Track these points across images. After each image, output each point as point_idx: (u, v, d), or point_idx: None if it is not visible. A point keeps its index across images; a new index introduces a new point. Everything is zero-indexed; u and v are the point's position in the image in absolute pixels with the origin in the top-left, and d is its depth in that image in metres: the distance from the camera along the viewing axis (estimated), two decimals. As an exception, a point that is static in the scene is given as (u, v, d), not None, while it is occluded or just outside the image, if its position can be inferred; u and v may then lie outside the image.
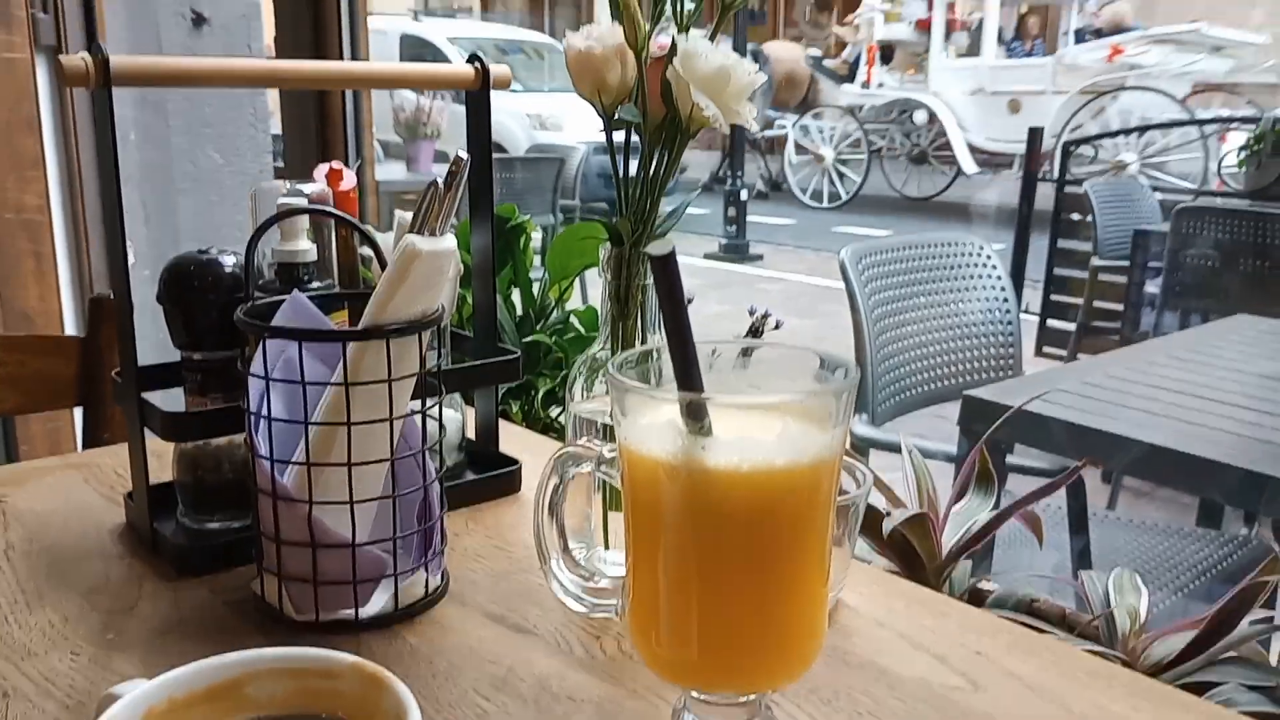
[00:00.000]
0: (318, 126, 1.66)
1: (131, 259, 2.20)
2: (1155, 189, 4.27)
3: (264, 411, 0.55)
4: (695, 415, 0.37)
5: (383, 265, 0.59)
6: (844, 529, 0.62)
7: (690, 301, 1.15)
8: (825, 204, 9.68)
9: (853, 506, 0.62)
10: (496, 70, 0.71)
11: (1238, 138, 4.04)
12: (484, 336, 0.77)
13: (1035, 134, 4.21)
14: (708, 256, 7.52)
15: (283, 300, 0.58)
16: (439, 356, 0.65)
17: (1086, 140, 6.20)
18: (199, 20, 2.36)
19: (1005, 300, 2.10)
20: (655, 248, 0.34)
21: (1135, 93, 8.08)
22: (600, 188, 8.33)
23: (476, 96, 0.72)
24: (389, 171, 4.67)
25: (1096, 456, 1.31)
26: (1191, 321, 3.42)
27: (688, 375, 0.36)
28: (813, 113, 9.80)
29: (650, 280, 0.58)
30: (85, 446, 1.00)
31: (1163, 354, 1.64)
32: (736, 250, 7.48)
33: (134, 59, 0.59)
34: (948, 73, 9.28)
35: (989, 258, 2.12)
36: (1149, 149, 7.53)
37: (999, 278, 2.11)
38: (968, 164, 9.26)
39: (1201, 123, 7.01)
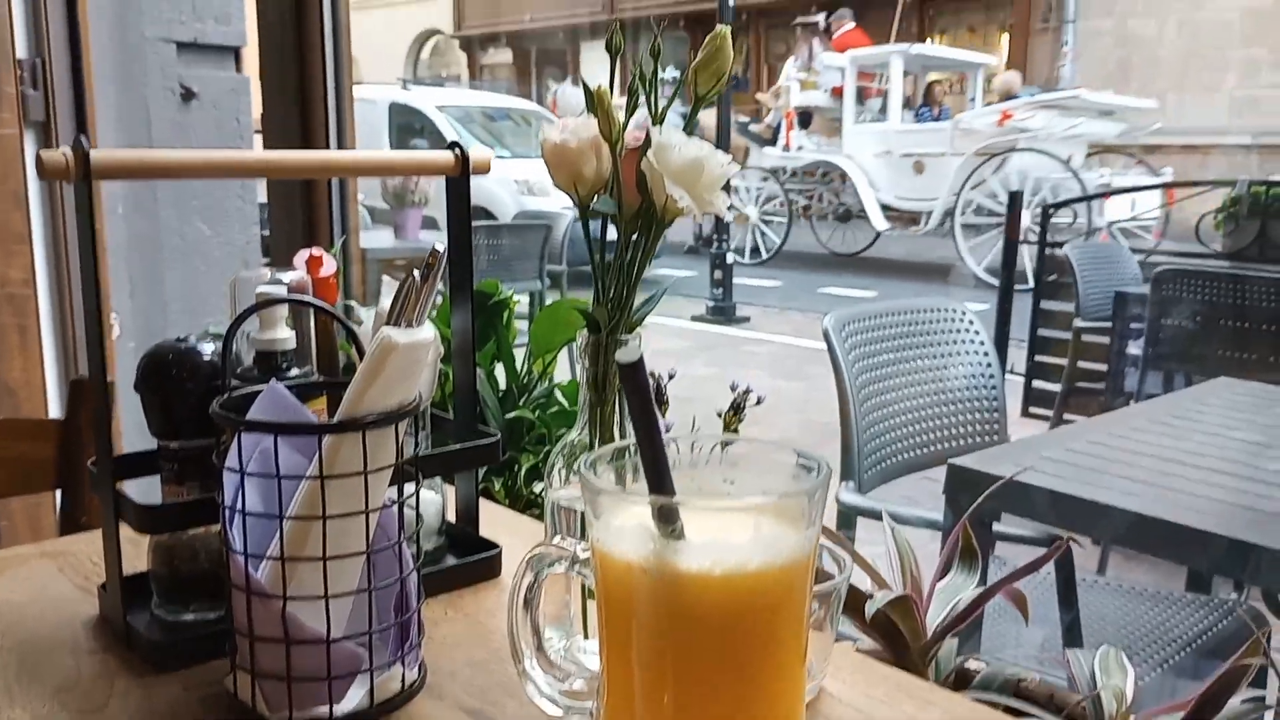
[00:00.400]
0: (303, 196, 1.67)
1: (117, 331, 2.20)
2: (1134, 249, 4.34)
3: (238, 506, 0.55)
4: (667, 519, 0.37)
5: (361, 354, 0.60)
6: (825, 614, 0.61)
7: (673, 377, 1.15)
8: (747, 260, 10.02)
9: (834, 592, 0.61)
10: (477, 156, 0.72)
11: (1212, 200, 4.12)
12: (464, 418, 0.77)
13: (1015, 199, 4.27)
14: (695, 319, 7.56)
15: (260, 390, 0.58)
16: (416, 442, 0.65)
17: (1063, 204, 6.36)
18: (188, 95, 2.40)
19: (989, 365, 2.11)
20: (623, 354, 0.35)
21: (1025, 154, 8.67)
22: (586, 252, 8.38)
23: (457, 182, 0.73)
24: (376, 239, 4.70)
25: (1081, 526, 1.30)
26: (1175, 382, 3.45)
27: (659, 479, 0.36)
28: (738, 174, 10.25)
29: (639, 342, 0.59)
30: (63, 530, 0.99)
31: (1145, 419, 1.65)
32: (723, 312, 7.53)
33: (115, 153, 0.60)
34: (859, 136, 9.91)
35: (971, 322, 2.14)
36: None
37: (981, 342, 2.13)
38: (878, 221, 9.89)
39: (1156, 187, 7.36)
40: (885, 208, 9.75)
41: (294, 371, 0.66)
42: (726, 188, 0.57)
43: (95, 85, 2.17)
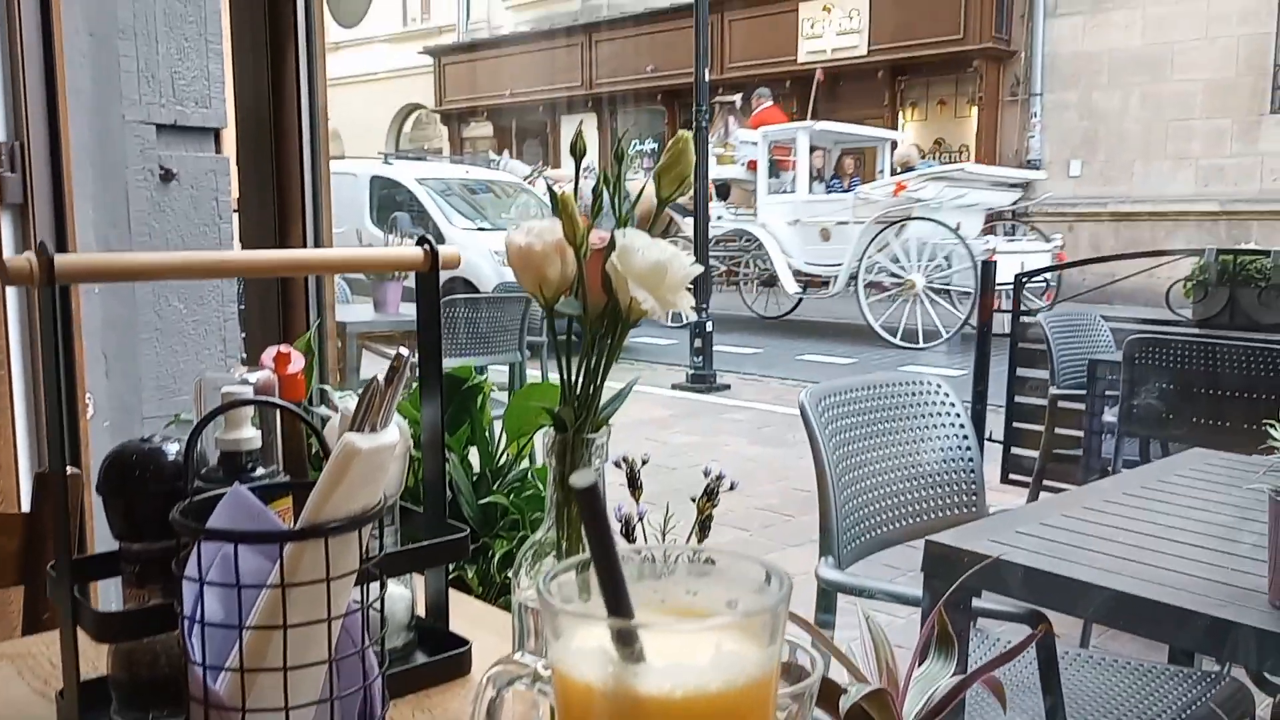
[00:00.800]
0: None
1: (91, 411, 2.17)
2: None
3: (197, 616, 0.54)
4: (626, 642, 0.36)
5: (326, 453, 0.59)
6: (799, 712, 0.60)
7: (645, 461, 1.15)
8: (670, 323, 10.47)
9: (806, 692, 0.60)
10: (445, 253, 0.73)
11: (1182, 267, 4.19)
12: (434, 511, 0.76)
13: (989, 269, 4.34)
14: (675, 387, 7.58)
15: (223, 494, 0.58)
16: (381, 542, 0.64)
17: (1041, 272, 6.50)
18: (167, 176, 2.41)
19: (965, 438, 2.12)
20: (579, 479, 0.35)
21: (918, 222, 9.42)
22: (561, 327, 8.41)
23: (426, 277, 0.73)
24: (356, 312, 4.70)
25: (1059, 603, 1.30)
26: (1150, 449, 3.46)
27: (617, 602, 0.36)
28: None
29: (595, 467, 0.59)
30: (26, 629, 0.97)
31: (1120, 491, 1.65)
32: (704, 380, 7.55)
33: (81, 258, 0.60)
34: (772, 206, 10.58)
35: (946, 395, 2.15)
36: (933, 271, 9.34)
37: (957, 414, 2.14)
38: (789, 285, 10.65)
39: (1158, 253, 7.66)
40: (797, 273, 10.47)
41: (259, 471, 0.66)
42: (690, 287, 0.58)
43: (74, 168, 2.19)
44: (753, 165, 10.88)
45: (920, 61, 13.31)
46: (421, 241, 0.73)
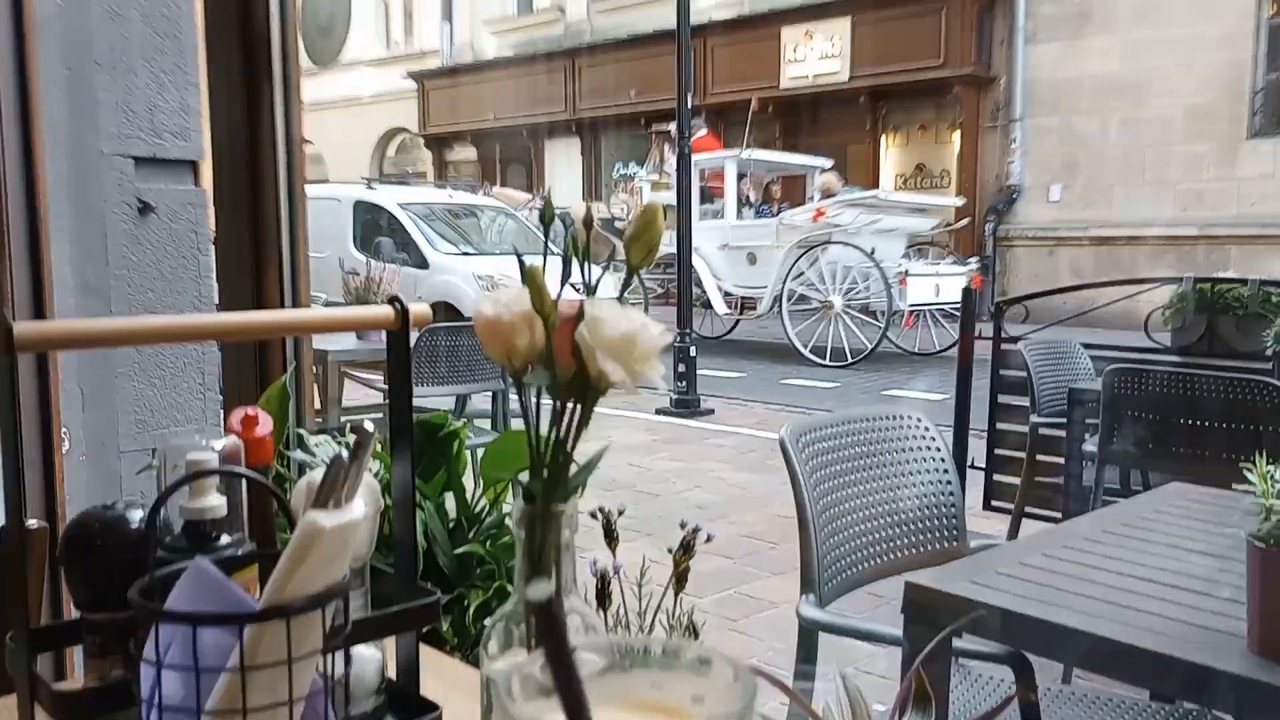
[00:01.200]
0: (255, 305, 1.66)
1: (67, 446, 2.13)
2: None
3: (155, 700, 0.52)
4: (585, 749, 0.35)
5: (291, 524, 0.58)
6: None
7: (621, 513, 1.14)
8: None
9: (779, 765, 0.60)
10: (416, 310, 0.72)
11: (1160, 295, 4.23)
12: (404, 574, 0.75)
13: (968, 296, 4.36)
14: (659, 412, 7.57)
15: (185, 568, 0.57)
16: (346, 607, 0.63)
17: (1029, 298, 6.55)
18: (145, 209, 2.40)
19: (946, 472, 2.12)
20: (534, 592, 0.34)
21: (836, 246, 9.93)
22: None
23: (397, 335, 0.72)
24: (339, 340, 4.68)
25: (1039, 648, 1.29)
26: (1131, 477, 3.48)
27: (575, 714, 0.35)
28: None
29: (565, 537, 0.58)
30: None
31: (1100, 530, 1.65)
32: (687, 405, 7.54)
33: (40, 326, 0.59)
34: (703, 231, 10.81)
35: (927, 429, 2.15)
36: (850, 292, 9.84)
37: (939, 449, 2.14)
38: (719, 307, 11.16)
39: (1141, 281, 7.80)
40: (728, 295, 10.99)
41: (224, 540, 0.65)
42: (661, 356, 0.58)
43: (50, 202, 2.17)
44: None
45: (901, 87, 13.44)
46: (392, 301, 0.72)
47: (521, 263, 0.56)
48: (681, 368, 7.53)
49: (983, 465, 4.40)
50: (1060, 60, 12.55)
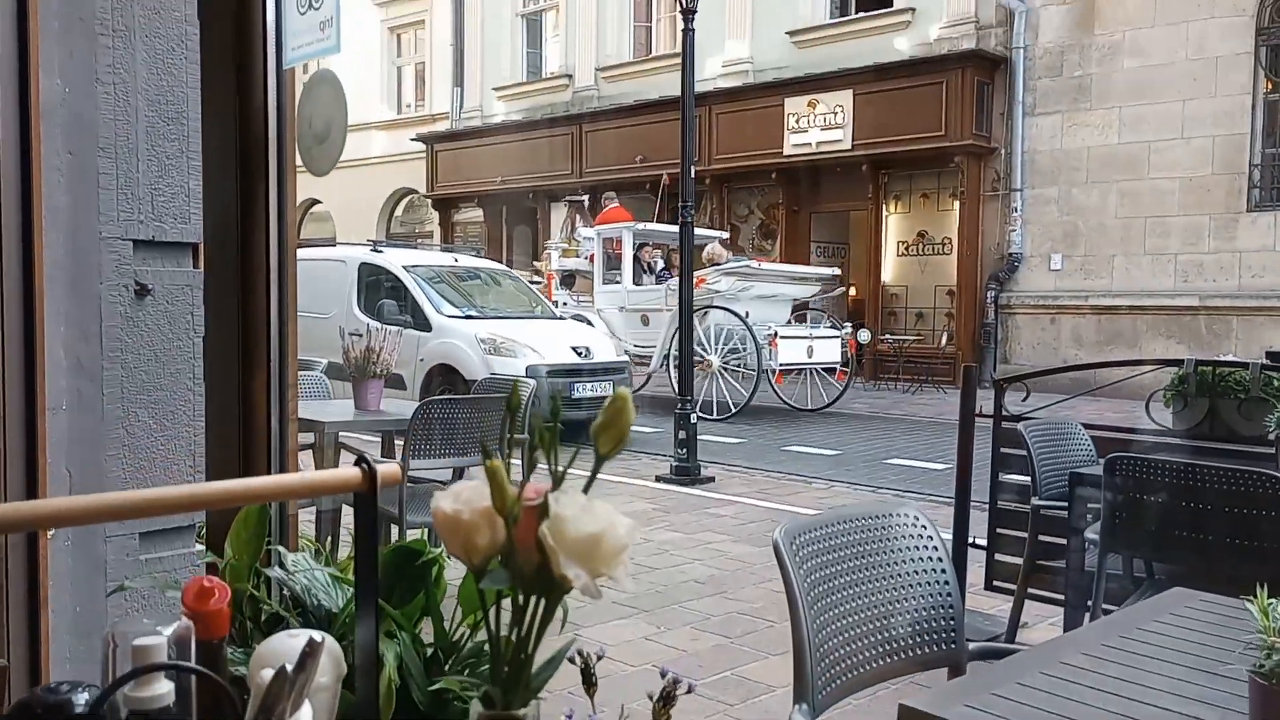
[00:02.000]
0: (243, 422, 1.64)
1: (52, 530, 2.09)
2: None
3: None
4: None
5: (240, 715, 0.56)
6: None
7: (601, 657, 1.10)
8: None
9: None
10: (384, 471, 0.70)
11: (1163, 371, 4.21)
12: (368, 739, 0.72)
13: (969, 372, 4.35)
14: (659, 479, 7.52)
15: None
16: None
17: (1030, 377, 6.52)
18: (142, 291, 2.40)
19: (943, 571, 2.08)
20: None
21: (716, 310, 10.93)
22: (548, 414, 8.39)
23: (364, 497, 0.71)
24: (335, 410, 4.67)
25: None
26: (1135, 566, 3.43)
27: None
28: None
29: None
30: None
31: (1099, 644, 1.62)
32: (687, 473, 7.49)
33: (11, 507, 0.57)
34: (605, 295, 12.09)
35: (925, 527, 2.12)
36: (730, 352, 10.82)
37: (935, 546, 2.11)
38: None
39: (1116, 364, 7.74)
40: (627, 353, 11.58)
41: (175, 721, 0.62)
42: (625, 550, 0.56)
43: (46, 284, 2.17)
44: (593, 258, 12.31)
45: (903, 156, 13.60)
46: (359, 461, 0.70)
47: (487, 459, 0.54)
48: (682, 434, 7.50)
49: (984, 543, 4.35)
50: (1059, 132, 12.71)
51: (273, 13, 1.68)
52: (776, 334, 10.70)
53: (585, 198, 15.28)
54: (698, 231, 13.40)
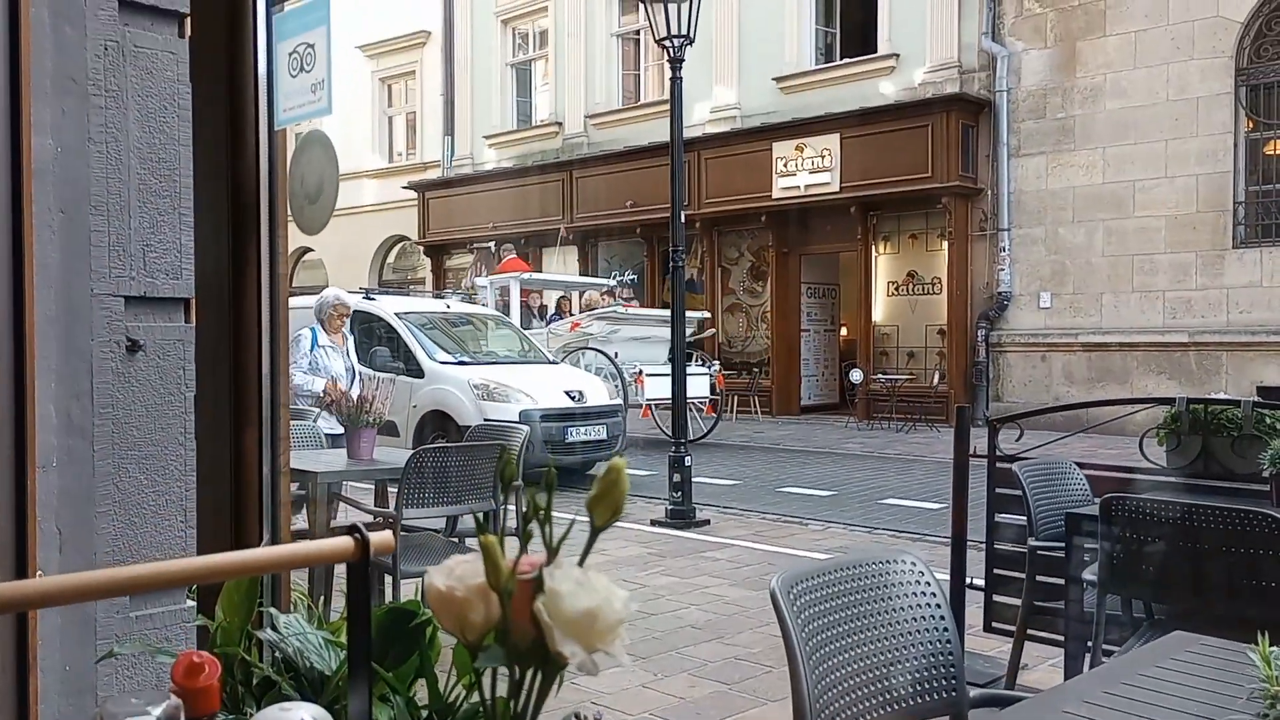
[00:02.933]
0: (233, 475, 1.63)
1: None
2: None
3: None
4: None
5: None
6: None
7: (599, 719, 1.09)
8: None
9: None
10: (377, 541, 0.70)
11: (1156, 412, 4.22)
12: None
13: (963, 413, 4.35)
14: (654, 523, 7.48)
15: None
16: None
17: (1015, 419, 6.53)
18: (134, 347, 2.39)
19: (942, 618, 2.06)
20: None
21: (590, 351, 11.91)
22: (544, 455, 8.38)
23: (356, 567, 0.70)
24: (329, 461, 4.64)
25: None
26: (1133, 606, 3.41)
27: None
28: None
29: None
30: None
31: (1100, 691, 1.60)
32: (682, 516, 7.46)
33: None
34: None
35: (922, 574, 2.11)
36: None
37: (934, 593, 2.09)
38: None
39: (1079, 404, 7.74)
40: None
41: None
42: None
43: (37, 341, 2.17)
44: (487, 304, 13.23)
45: (890, 198, 13.72)
46: (351, 531, 0.70)
47: (480, 527, 0.54)
48: (676, 477, 7.47)
49: (981, 584, 4.32)
50: (1044, 172, 12.85)
51: (264, 74, 1.69)
52: (641, 372, 11.70)
53: (492, 244, 17.28)
54: (582, 279, 15.17)
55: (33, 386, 2.14)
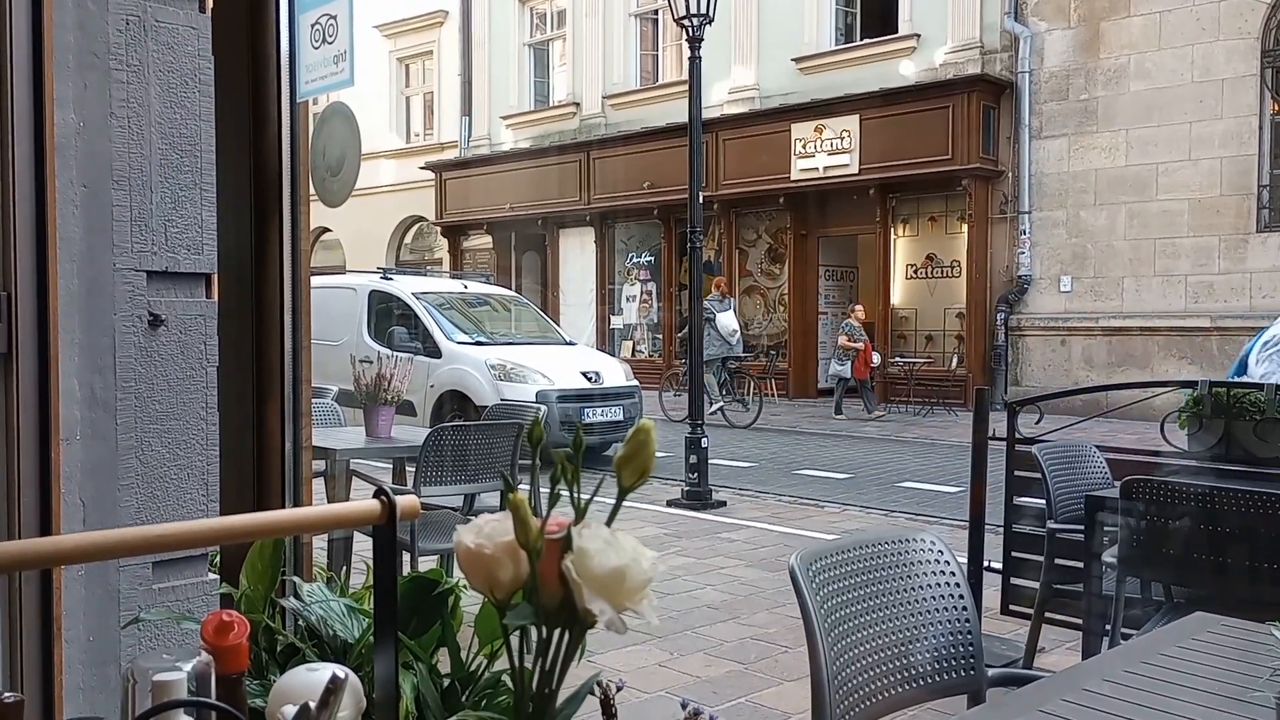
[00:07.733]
0: (256, 458, 1.64)
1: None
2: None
3: None
4: None
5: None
6: None
7: (620, 688, 1.09)
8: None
9: None
10: (404, 503, 0.70)
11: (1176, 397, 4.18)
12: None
13: (981, 396, 4.33)
14: (671, 503, 7.49)
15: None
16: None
17: (1034, 401, 6.49)
18: (156, 322, 2.40)
19: (961, 598, 2.06)
20: None
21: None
22: (561, 435, 8.40)
23: (383, 530, 0.70)
24: (347, 437, 4.67)
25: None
26: (1153, 589, 3.39)
27: None
28: None
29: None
30: None
31: (1120, 669, 1.60)
32: (699, 497, 7.46)
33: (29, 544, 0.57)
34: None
35: (941, 553, 2.10)
36: None
37: (953, 573, 2.09)
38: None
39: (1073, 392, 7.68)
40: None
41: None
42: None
43: (61, 316, 2.18)
44: None
45: (910, 180, 13.61)
46: (379, 494, 0.70)
47: (506, 493, 0.54)
48: (693, 459, 7.48)
49: (999, 567, 4.31)
50: (1066, 155, 12.72)
51: (286, 47, 1.69)
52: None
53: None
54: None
55: (56, 360, 2.16)
